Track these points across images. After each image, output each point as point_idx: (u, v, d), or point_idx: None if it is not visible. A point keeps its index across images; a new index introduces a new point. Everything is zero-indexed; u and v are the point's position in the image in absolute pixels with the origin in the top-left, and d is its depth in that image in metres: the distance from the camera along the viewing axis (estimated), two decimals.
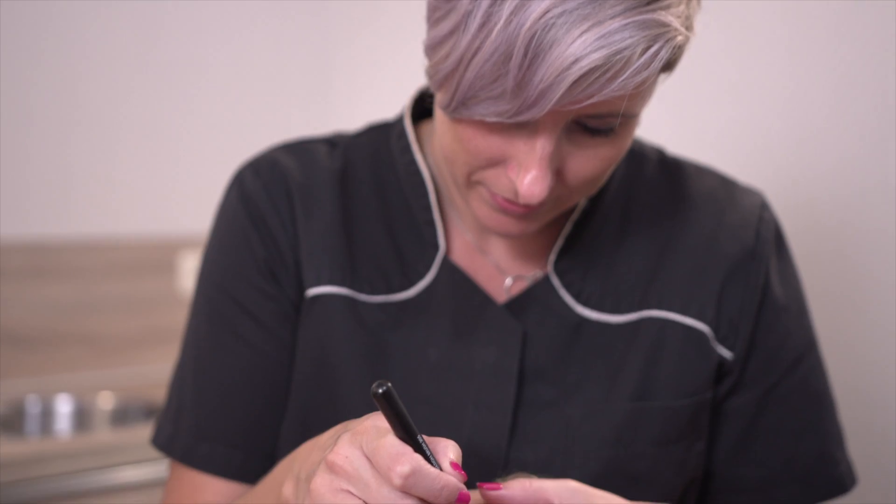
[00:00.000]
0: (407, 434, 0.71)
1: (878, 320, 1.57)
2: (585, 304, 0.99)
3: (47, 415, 2.21)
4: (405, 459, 0.70)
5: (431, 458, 0.72)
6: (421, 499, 0.70)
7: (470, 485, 0.86)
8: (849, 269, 1.60)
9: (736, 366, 1.01)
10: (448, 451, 0.73)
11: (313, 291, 0.99)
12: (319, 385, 0.98)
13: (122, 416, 2.21)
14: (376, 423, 0.73)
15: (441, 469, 0.72)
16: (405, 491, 0.70)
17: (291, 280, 1.00)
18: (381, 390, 0.70)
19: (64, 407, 2.22)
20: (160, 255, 2.46)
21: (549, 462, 0.94)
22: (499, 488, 0.81)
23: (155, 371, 2.24)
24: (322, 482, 0.73)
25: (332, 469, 0.72)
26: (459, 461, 0.73)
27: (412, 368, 0.97)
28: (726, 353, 1.00)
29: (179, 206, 2.47)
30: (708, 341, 0.99)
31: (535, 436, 0.95)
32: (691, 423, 0.98)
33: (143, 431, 1.92)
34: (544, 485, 0.81)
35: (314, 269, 0.99)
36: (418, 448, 0.71)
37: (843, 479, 1.06)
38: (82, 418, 2.22)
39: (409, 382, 0.96)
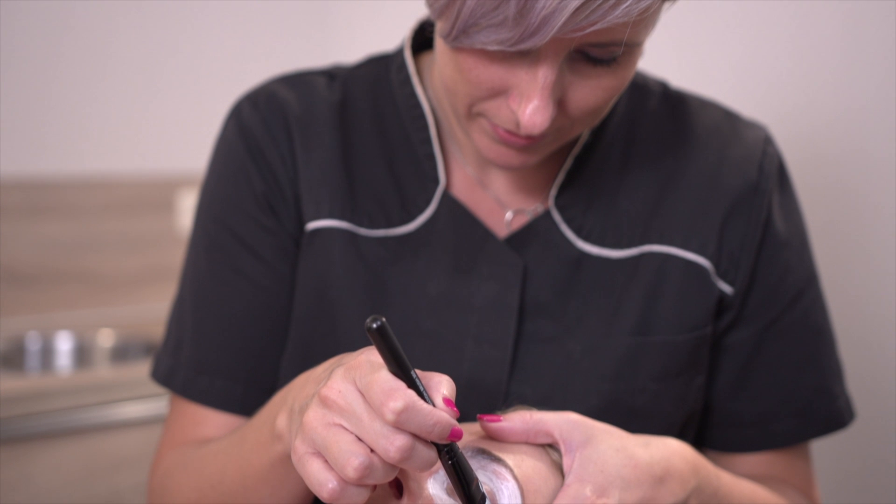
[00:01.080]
0: (400, 369, 0.71)
1: (880, 254, 1.57)
2: (586, 239, 0.98)
3: (47, 352, 2.21)
4: (398, 395, 0.69)
5: (424, 394, 0.71)
6: (413, 434, 0.70)
7: (470, 418, 0.87)
8: (851, 203, 1.60)
9: (736, 301, 1.00)
10: (441, 386, 0.73)
11: (313, 225, 0.99)
12: (319, 319, 0.98)
13: (122, 354, 2.22)
14: (370, 358, 0.73)
15: (434, 405, 0.71)
16: (397, 426, 0.70)
17: (290, 214, 1.00)
18: (375, 325, 0.69)
19: (64, 344, 2.22)
20: (159, 193, 2.45)
21: (549, 396, 0.94)
22: (499, 420, 0.81)
23: (154, 309, 2.24)
24: (315, 416, 0.73)
25: (325, 403, 0.72)
26: (453, 397, 0.73)
27: (412, 303, 0.97)
28: (726, 288, 1.00)
29: (178, 143, 2.46)
30: (708, 276, 0.99)
31: (536, 370, 0.95)
32: (691, 358, 0.98)
33: (144, 368, 1.92)
34: (544, 417, 0.82)
35: (313, 202, 0.99)
36: (411, 384, 0.71)
37: (842, 414, 1.06)
38: (82, 355, 2.23)
39: (409, 317, 0.96)
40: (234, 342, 1.00)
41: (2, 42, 2.26)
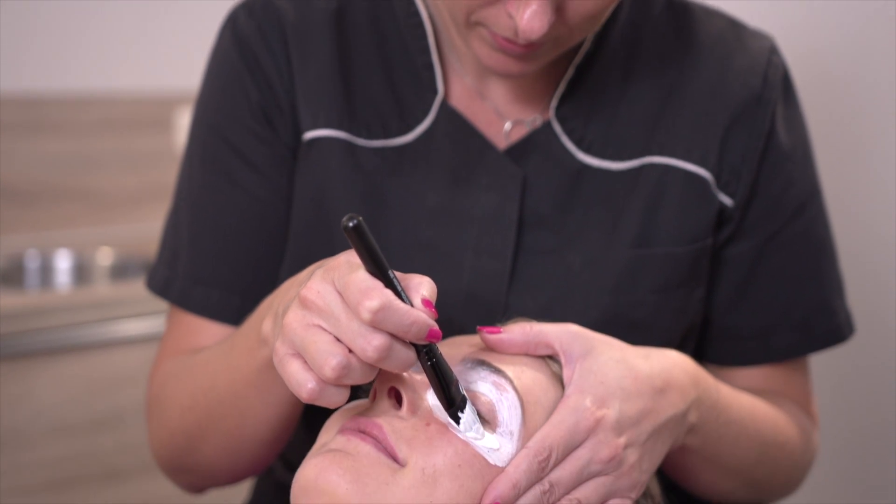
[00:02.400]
0: (377, 269, 0.70)
1: (881, 168, 1.56)
2: (587, 150, 0.97)
3: (46, 270, 2.21)
4: (374, 294, 0.69)
5: (402, 295, 0.71)
6: (391, 334, 0.70)
7: (470, 330, 0.86)
8: (854, 119, 1.59)
9: (736, 213, 1.00)
10: (421, 288, 0.73)
11: (310, 135, 0.98)
12: (317, 230, 0.97)
13: (121, 272, 2.22)
14: (349, 259, 0.72)
15: (412, 305, 0.71)
16: (374, 325, 0.70)
17: (287, 123, 0.98)
18: (351, 224, 0.69)
19: (63, 262, 2.22)
20: (157, 111, 2.44)
21: (548, 309, 0.94)
22: (499, 332, 0.81)
23: (154, 228, 2.23)
24: (294, 317, 0.73)
25: (304, 304, 0.72)
26: (433, 299, 0.73)
27: (411, 214, 0.96)
28: (727, 200, 0.99)
29: (176, 61, 2.44)
30: (709, 187, 0.98)
31: (535, 282, 0.95)
32: (691, 270, 0.98)
33: (143, 286, 1.92)
34: (545, 328, 0.81)
35: (310, 112, 0.98)
36: (389, 283, 0.71)
37: (842, 329, 1.06)
38: (81, 273, 2.23)
39: (408, 228, 0.96)
40: (229, 253, 1.00)
41: None
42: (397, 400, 0.78)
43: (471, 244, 0.95)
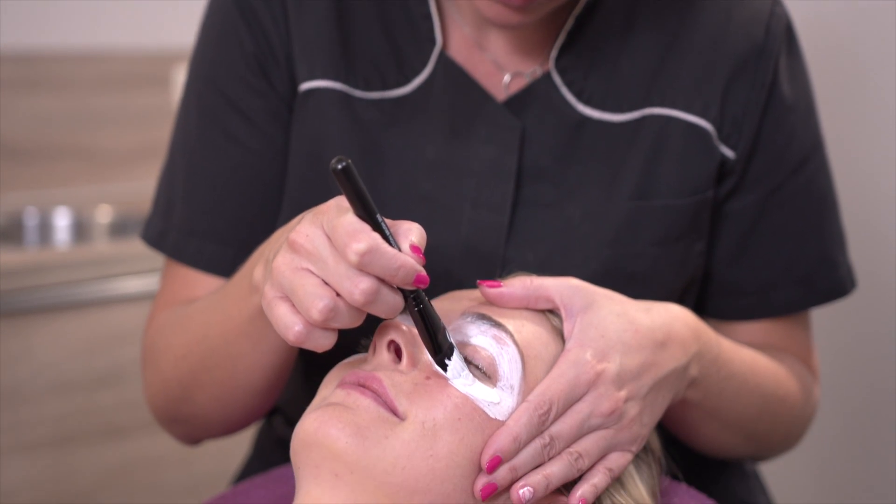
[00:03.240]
0: (366, 213, 0.70)
1: (884, 120, 1.55)
2: (587, 102, 0.96)
3: (45, 227, 2.21)
4: (362, 237, 0.69)
5: (390, 238, 0.71)
6: (379, 278, 0.70)
7: (469, 284, 0.86)
8: (856, 72, 1.58)
9: (738, 166, 0.99)
10: (410, 234, 0.72)
11: (306, 86, 0.97)
12: (313, 183, 0.97)
13: (120, 229, 2.21)
14: (339, 203, 0.72)
15: (400, 250, 0.71)
16: (361, 268, 0.70)
17: (283, 75, 0.97)
18: (339, 166, 0.69)
19: (62, 220, 2.22)
20: (155, 68, 2.42)
21: (547, 261, 0.93)
22: (499, 286, 0.81)
23: (152, 186, 2.22)
24: (283, 261, 0.73)
25: (293, 248, 0.72)
26: (422, 245, 0.73)
27: (408, 166, 0.95)
28: (728, 153, 0.98)
29: (174, 17, 2.41)
30: (710, 139, 0.97)
31: (534, 236, 0.94)
32: (692, 223, 0.97)
33: (142, 244, 1.91)
34: (545, 282, 0.81)
35: (307, 63, 0.97)
36: (377, 227, 0.71)
37: (843, 283, 1.05)
38: (81, 231, 2.22)
39: (406, 180, 0.95)
40: (224, 206, 0.99)
41: None
42: (397, 354, 0.77)
43: (469, 197, 0.95)
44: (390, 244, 0.70)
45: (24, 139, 2.26)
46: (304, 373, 1.04)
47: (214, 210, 1.00)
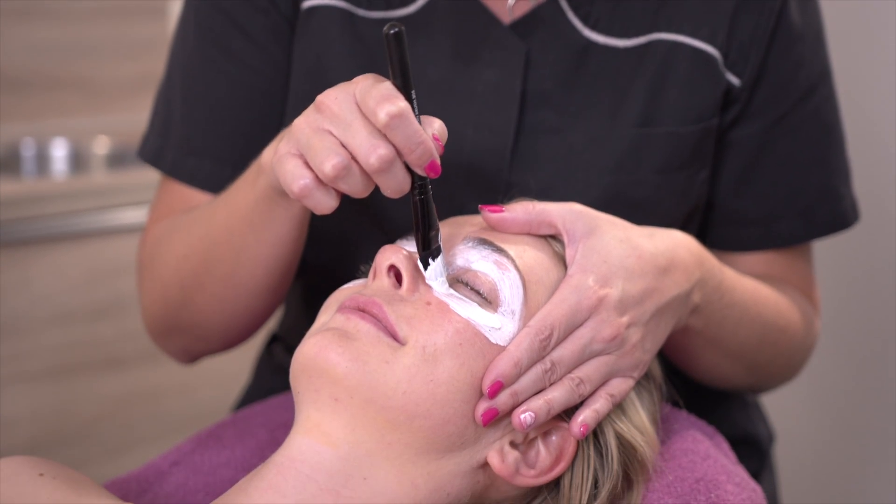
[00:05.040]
0: (404, 86, 0.71)
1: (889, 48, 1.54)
2: (593, 27, 0.94)
3: (42, 158, 2.20)
4: (397, 101, 0.70)
5: (419, 119, 0.72)
6: (396, 150, 0.71)
7: (471, 208, 0.85)
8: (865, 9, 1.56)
9: (743, 94, 0.97)
10: (434, 124, 0.73)
11: (309, 3, 0.95)
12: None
13: (118, 160, 2.20)
14: (375, 76, 0.72)
15: None
16: (386, 130, 0.70)
17: None
18: (392, 31, 0.69)
19: (59, 151, 2.21)
20: None
21: (550, 187, 0.92)
22: (501, 211, 0.80)
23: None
24: (305, 120, 0.73)
25: (319, 108, 0.73)
26: (443, 139, 0.74)
27: None
28: (734, 80, 0.97)
29: None
30: (716, 65, 0.95)
31: (537, 161, 0.93)
32: (696, 151, 0.96)
33: (140, 175, 1.90)
34: (547, 207, 0.80)
35: None
36: (410, 102, 0.71)
37: (846, 215, 1.04)
38: (78, 162, 2.21)
39: None
40: (223, 124, 0.98)
41: None
42: (397, 279, 0.77)
43: (472, 120, 0.93)
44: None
45: (20, 69, 2.25)
46: (304, 299, 1.04)
47: (212, 128, 0.98)
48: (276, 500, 0.73)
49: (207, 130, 0.99)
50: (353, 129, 0.71)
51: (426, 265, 0.75)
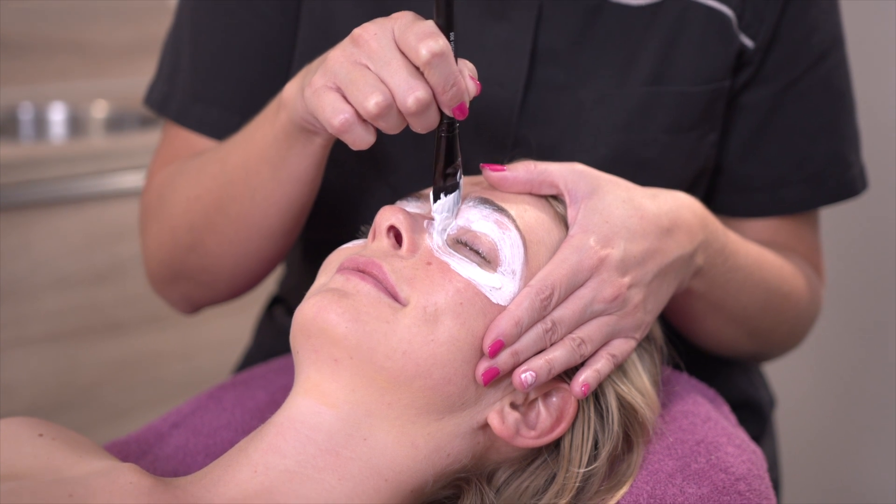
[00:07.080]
0: (446, 26, 0.72)
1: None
2: None
3: (41, 122, 2.19)
4: (440, 39, 0.70)
5: (456, 60, 0.73)
6: (431, 90, 0.71)
7: (475, 164, 0.84)
8: None
9: (756, 56, 0.96)
10: (468, 66, 0.74)
11: None
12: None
13: (116, 125, 2.19)
14: (413, 14, 0.72)
15: None
16: (425, 68, 0.70)
17: None
18: None
19: (57, 115, 2.19)
20: None
21: (558, 144, 0.92)
22: (502, 170, 0.79)
23: (148, 83, 2.20)
24: (341, 52, 0.73)
25: (356, 42, 0.73)
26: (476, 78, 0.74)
27: None
28: (748, 42, 0.95)
29: None
30: (730, 26, 0.94)
31: (545, 117, 0.92)
32: (706, 112, 0.95)
33: (139, 139, 1.89)
34: (549, 167, 0.79)
35: None
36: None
37: (855, 183, 1.04)
38: (76, 126, 2.20)
39: None
40: (231, 71, 0.97)
41: None
42: (397, 240, 0.76)
43: (482, 74, 0.91)
44: None
45: (17, 33, 2.23)
46: (306, 260, 1.03)
47: (221, 75, 0.97)
48: (275, 461, 0.73)
49: (215, 77, 0.97)
50: (392, 68, 0.71)
51: (437, 199, 0.76)
